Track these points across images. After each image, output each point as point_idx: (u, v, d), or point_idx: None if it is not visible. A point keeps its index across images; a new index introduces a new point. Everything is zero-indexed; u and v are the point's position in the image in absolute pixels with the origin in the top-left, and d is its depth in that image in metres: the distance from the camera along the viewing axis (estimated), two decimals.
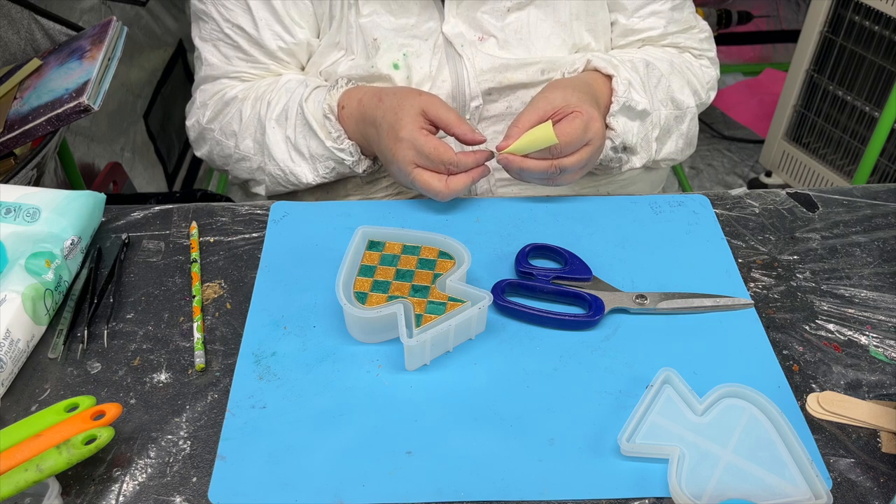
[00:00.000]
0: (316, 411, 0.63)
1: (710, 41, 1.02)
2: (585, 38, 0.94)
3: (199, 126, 0.97)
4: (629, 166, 0.92)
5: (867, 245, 0.81)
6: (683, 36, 0.98)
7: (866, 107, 1.80)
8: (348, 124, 0.86)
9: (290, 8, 0.90)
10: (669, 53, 0.97)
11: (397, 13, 0.88)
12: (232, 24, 0.91)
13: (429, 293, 0.70)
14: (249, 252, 0.79)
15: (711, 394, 0.63)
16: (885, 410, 0.64)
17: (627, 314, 0.72)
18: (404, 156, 0.79)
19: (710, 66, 1.01)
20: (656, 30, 0.96)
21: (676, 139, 0.96)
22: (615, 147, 0.88)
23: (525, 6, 0.90)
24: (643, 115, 0.89)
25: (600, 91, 0.86)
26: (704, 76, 0.99)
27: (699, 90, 0.98)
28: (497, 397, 0.65)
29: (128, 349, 0.69)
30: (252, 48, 0.92)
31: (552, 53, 0.92)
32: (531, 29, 0.91)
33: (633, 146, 0.89)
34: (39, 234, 0.73)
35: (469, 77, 0.90)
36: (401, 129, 0.79)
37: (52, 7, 1.22)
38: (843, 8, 1.78)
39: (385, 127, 0.80)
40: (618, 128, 0.86)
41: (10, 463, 0.56)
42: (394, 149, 0.79)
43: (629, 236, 0.81)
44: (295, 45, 0.92)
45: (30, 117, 0.96)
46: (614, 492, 0.58)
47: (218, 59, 0.94)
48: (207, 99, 0.96)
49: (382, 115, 0.81)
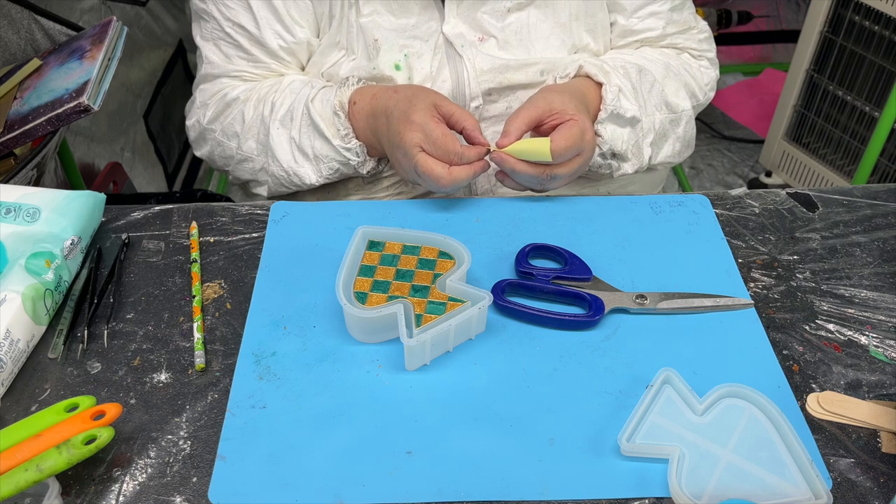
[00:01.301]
0: (316, 411, 0.63)
1: (709, 41, 1.02)
2: (585, 39, 0.94)
3: (200, 126, 0.97)
4: (620, 173, 0.92)
5: (867, 245, 0.81)
6: (682, 37, 0.98)
7: (866, 107, 1.80)
8: (358, 120, 0.86)
9: (291, 7, 0.90)
10: (667, 55, 0.97)
11: (398, 13, 0.89)
12: (233, 22, 0.91)
13: (429, 293, 0.70)
14: (249, 252, 0.79)
15: (711, 394, 0.63)
16: (885, 410, 0.64)
17: (627, 314, 0.72)
18: (412, 137, 0.78)
19: (709, 66, 1.01)
20: (655, 31, 0.96)
21: (673, 142, 0.96)
22: (603, 154, 0.88)
23: (525, 7, 0.90)
24: (633, 122, 0.89)
25: (591, 98, 0.87)
26: (703, 77, 0.99)
27: (697, 92, 0.98)
28: (497, 397, 0.65)
29: (128, 349, 0.69)
30: (253, 47, 0.92)
31: (552, 54, 0.92)
32: (531, 29, 0.91)
33: (622, 153, 0.89)
34: (39, 234, 0.73)
35: (469, 77, 0.90)
36: (413, 113, 0.79)
37: (52, 7, 1.22)
38: (843, 8, 1.78)
39: (397, 114, 0.81)
40: (605, 135, 0.87)
41: (10, 463, 0.56)
42: (403, 131, 0.79)
43: (629, 236, 0.81)
44: (295, 44, 0.92)
45: (30, 117, 0.96)
46: (614, 492, 0.58)
47: (219, 58, 0.94)
48: (207, 99, 0.96)
49: (395, 104, 0.82)
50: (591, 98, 0.87)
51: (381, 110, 0.83)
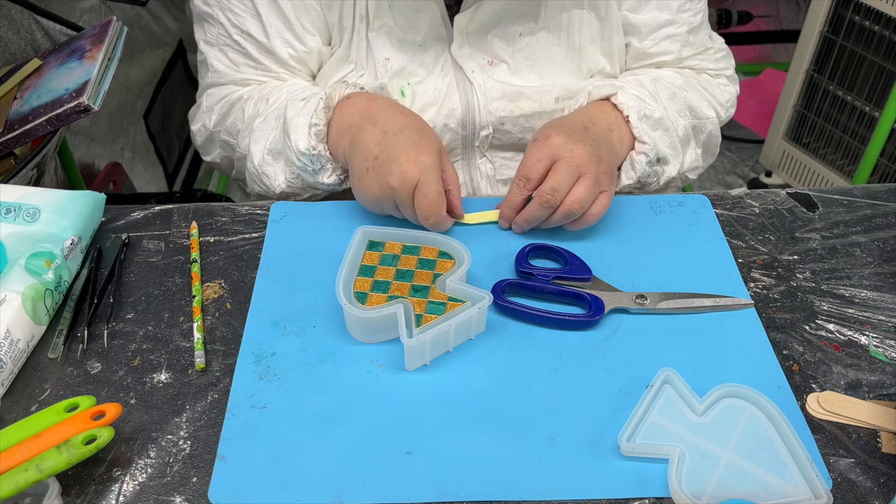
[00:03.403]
0: (316, 411, 0.63)
1: (727, 59, 0.98)
2: (601, 62, 0.91)
3: (206, 130, 0.95)
4: (666, 177, 0.88)
5: (867, 245, 0.81)
6: (699, 58, 0.95)
7: (866, 107, 1.80)
8: (345, 113, 0.80)
9: (302, 15, 0.87)
10: (684, 74, 0.94)
11: (405, 28, 0.86)
12: (240, 30, 0.88)
13: (429, 293, 0.70)
14: (249, 252, 0.79)
15: (711, 394, 0.63)
16: (885, 410, 0.64)
17: (627, 314, 0.72)
18: (412, 172, 0.73)
19: (727, 83, 0.98)
20: (670, 54, 0.93)
21: (695, 148, 0.92)
22: (651, 161, 0.84)
23: (537, 31, 0.88)
24: (663, 125, 0.86)
25: (599, 117, 0.83)
26: (723, 95, 0.96)
27: (718, 109, 0.95)
28: (497, 397, 0.65)
29: (128, 349, 0.69)
30: (262, 56, 0.89)
31: (566, 79, 0.90)
32: (543, 54, 0.89)
33: (665, 156, 0.86)
34: (39, 234, 0.73)
35: (480, 105, 0.88)
36: (422, 153, 0.74)
37: (52, 7, 1.22)
38: (843, 8, 1.78)
39: (403, 139, 0.75)
40: (648, 140, 0.83)
41: (10, 463, 0.56)
42: (420, 143, 0.75)
43: (629, 236, 0.81)
44: (306, 53, 0.89)
45: (30, 117, 0.96)
46: (614, 492, 0.58)
47: (225, 66, 0.91)
48: (214, 103, 0.94)
49: (401, 127, 0.77)
50: (598, 117, 0.84)
51: (379, 120, 0.78)
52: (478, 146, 0.92)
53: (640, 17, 0.90)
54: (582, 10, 0.88)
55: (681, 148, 0.89)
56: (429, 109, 0.88)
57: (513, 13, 0.87)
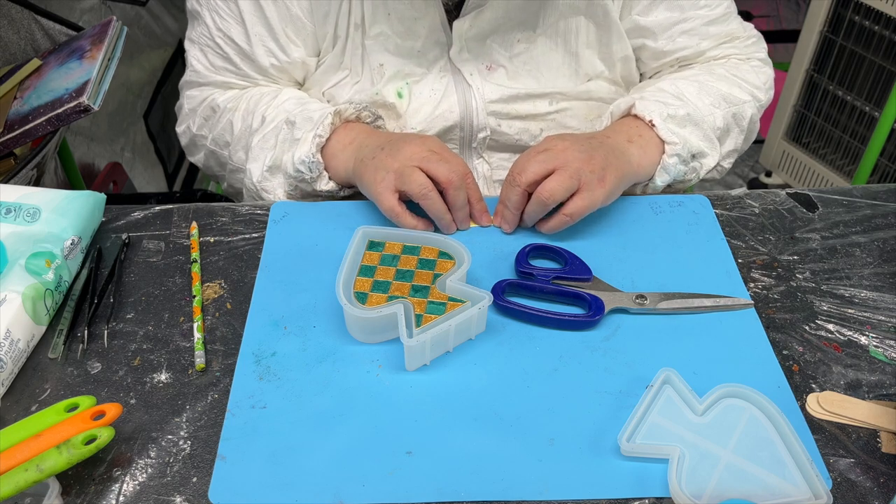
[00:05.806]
0: (316, 411, 0.63)
1: (757, 45, 0.97)
2: (598, 67, 0.92)
3: (190, 133, 0.96)
4: (705, 171, 0.87)
5: (867, 245, 0.81)
6: (724, 47, 0.93)
7: (866, 107, 1.80)
8: (350, 131, 0.83)
9: (288, 26, 0.87)
10: (708, 66, 0.93)
11: (404, 36, 0.87)
12: (224, 33, 0.88)
13: (429, 293, 0.70)
14: (249, 252, 0.79)
15: (711, 394, 0.63)
16: (885, 410, 0.64)
17: (627, 314, 0.72)
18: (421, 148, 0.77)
19: (761, 65, 0.96)
20: (689, 48, 0.92)
21: (737, 135, 0.91)
22: (684, 159, 0.83)
23: (535, 38, 0.88)
24: (693, 121, 0.84)
25: (618, 132, 0.83)
26: (758, 78, 0.94)
27: (755, 92, 0.92)
28: (497, 397, 0.65)
29: (128, 349, 0.69)
30: (242, 62, 0.90)
31: (563, 83, 0.91)
32: (540, 59, 0.89)
33: (700, 150, 0.85)
34: (39, 234, 0.73)
35: (478, 107, 0.89)
36: (436, 140, 0.80)
37: (52, 7, 1.22)
38: (843, 8, 1.78)
39: (414, 133, 0.80)
40: (676, 139, 0.82)
41: (10, 463, 0.56)
42: (424, 137, 0.79)
43: (629, 236, 0.81)
44: (289, 63, 0.89)
45: (30, 117, 0.96)
46: (614, 492, 0.58)
47: (203, 67, 0.92)
48: (196, 106, 0.94)
49: (406, 134, 0.83)
50: (616, 131, 0.83)
51: (381, 133, 0.84)
52: (475, 147, 0.92)
53: (651, 20, 0.90)
54: (579, 16, 0.88)
55: (718, 139, 0.88)
56: (425, 108, 0.89)
57: (512, 20, 0.87)
